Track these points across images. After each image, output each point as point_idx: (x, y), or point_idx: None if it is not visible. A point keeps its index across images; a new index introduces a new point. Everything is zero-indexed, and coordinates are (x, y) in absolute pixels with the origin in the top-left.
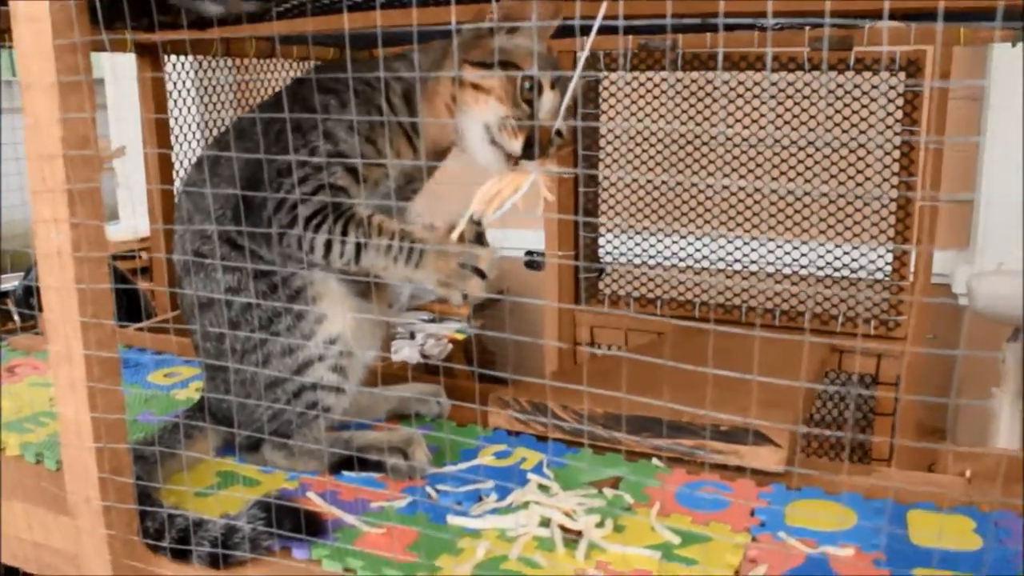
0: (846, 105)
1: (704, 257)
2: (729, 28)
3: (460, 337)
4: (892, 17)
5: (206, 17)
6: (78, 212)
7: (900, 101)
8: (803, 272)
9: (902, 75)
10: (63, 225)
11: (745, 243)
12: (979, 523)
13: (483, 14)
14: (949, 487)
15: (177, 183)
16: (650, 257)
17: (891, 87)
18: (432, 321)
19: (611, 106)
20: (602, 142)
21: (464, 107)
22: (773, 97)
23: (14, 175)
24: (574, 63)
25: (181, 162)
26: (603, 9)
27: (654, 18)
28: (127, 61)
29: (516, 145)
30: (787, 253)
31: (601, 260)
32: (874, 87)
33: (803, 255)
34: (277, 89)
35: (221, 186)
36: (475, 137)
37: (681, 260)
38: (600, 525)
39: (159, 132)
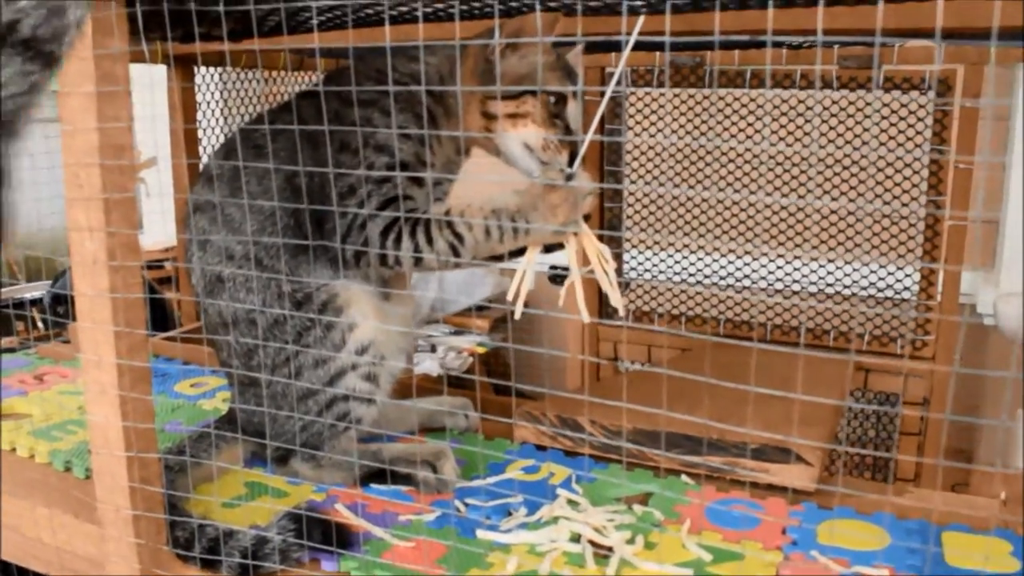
0: (875, 124)
1: (729, 274)
2: (758, 45)
3: (481, 350)
4: (922, 36)
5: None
6: (113, 220)
7: (930, 120)
8: (829, 291)
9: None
10: (99, 234)
11: (771, 260)
12: (1016, 546)
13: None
14: (984, 509)
15: None
16: (675, 274)
17: (921, 106)
18: (453, 334)
19: (637, 122)
20: (628, 158)
21: (504, 132)
22: (801, 115)
23: (45, 184)
24: (602, 79)
25: None
26: (639, 26)
27: (685, 35)
28: (155, 72)
29: (563, 159)
30: (813, 271)
31: (625, 276)
32: (903, 106)
33: (829, 273)
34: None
35: (260, 197)
36: (520, 158)
37: (706, 277)
38: (631, 541)
39: (188, 142)
